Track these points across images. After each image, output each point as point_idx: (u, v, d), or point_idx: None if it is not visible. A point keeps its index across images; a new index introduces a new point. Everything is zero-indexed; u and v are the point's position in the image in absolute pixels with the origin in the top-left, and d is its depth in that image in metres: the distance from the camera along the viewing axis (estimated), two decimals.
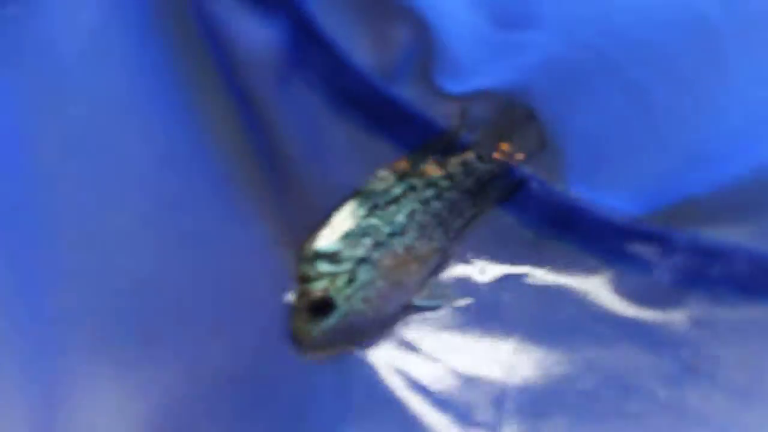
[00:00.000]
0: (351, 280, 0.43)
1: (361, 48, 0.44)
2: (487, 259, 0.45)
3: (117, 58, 0.41)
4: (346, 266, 0.43)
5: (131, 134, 0.42)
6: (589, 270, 0.44)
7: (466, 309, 0.45)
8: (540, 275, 0.45)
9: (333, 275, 0.43)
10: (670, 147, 0.42)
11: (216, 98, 0.43)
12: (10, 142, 0.40)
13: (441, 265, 0.45)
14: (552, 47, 0.42)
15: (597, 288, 0.44)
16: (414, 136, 0.45)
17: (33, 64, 0.40)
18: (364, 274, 0.43)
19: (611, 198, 0.44)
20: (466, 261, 0.45)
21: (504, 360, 0.44)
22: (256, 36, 0.42)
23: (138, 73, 0.42)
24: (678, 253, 0.43)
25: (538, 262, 0.45)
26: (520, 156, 0.45)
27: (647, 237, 0.43)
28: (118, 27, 0.41)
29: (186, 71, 0.42)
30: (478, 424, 0.43)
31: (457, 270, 0.45)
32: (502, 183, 0.45)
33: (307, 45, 0.43)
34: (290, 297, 0.43)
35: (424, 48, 0.43)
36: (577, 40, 0.42)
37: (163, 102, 0.42)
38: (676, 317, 0.43)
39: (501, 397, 0.44)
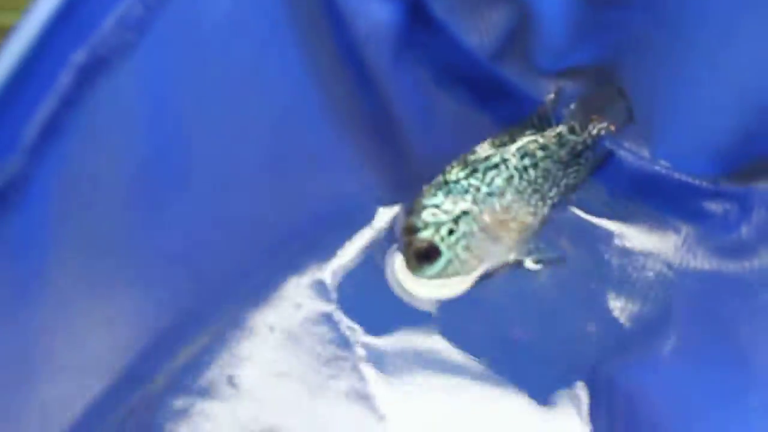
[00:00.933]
0: (452, 231, 0.47)
1: (467, 29, 0.48)
2: (578, 224, 0.50)
3: (248, 32, 0.44)
4: (449, 217, 0.47)
5: (256, 97, 0.45)
6: (673, 230, 0.49)
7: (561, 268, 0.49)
8: (628, 236, 0.49)
9: (437, 225, 0.47)
10: (744, 110, 0.47)
11: (335, 70, 0.46)
12: (159, 101, 0.43)
13: (538, 228, 0.49)
14: (638, 24, 0.47)
15: (681, 245, 0.49)
16: (513, 110, 0.49)
17: (178, 34, 0.43)
18: (464, 225, 0.47)
19: (693, 164, 0.48)
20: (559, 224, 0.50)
21: (597, 317, 0.48)
22: (375, 15, 0.46)
23: (266, 45, 0.45)
24: (755, 207, 0.48)
25: (626, 225, 0.49)
26: (609, 128, 0.49)
27: (726, 194, 0.48)
28: (250, 6, 0.44)
29: (309, 45, 0.46)
30: None
31: (550, 233, 0.50)
32: (593, 154, 0.49)
33: (420, 25, 0.47)
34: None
35: (523, 29, 0.47)
36: (659, 18, 0.46)
37: (286, 71, 0.46)
38: (755, 266, 0.47)
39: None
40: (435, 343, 0.47)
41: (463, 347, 0.47)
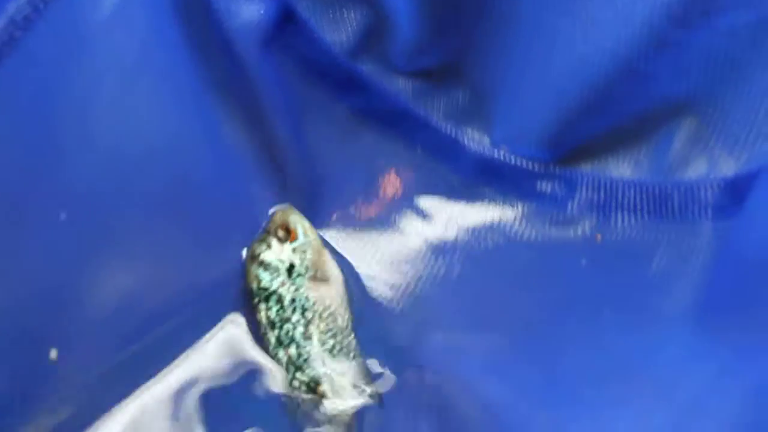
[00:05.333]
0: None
1: (328, 28, 0.54)
2: (428, 199, 0.57)
3: (132, 30, 0.50)
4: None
5: (141, 85, 0.50)
6: (508, 205, 0.57)
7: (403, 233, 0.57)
8: (469, 212, 0.57)
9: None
10: (561, 105, 0.54)
11: (215, 67, 0.52)
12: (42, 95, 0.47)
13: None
14: (473, 29, 0.54)
15: (515, 219, 0.56)
16: (373, 103, 0.56)
17: (62, 32, 0.48)
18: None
19: (526, 148, 0.56)
20: (411, 201, 0.57)
21: (438, 279, 0.56)
22: (244, 14, 0.51)
23: (150, 42, 0.50)
24: (577, 185, 0.55)
25: (469, 202, 0.57)
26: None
27: (553, 176, 0.56)
28: (134, 5, 0.50)
29: (192, 42, 0.52)
30: (419, 323, 0.55)
31: (401, 207, 0.57)
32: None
33: (285, 24, 0.53)
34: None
35: (379, 30, 0.54)
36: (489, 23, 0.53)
37: (170, 68, 0.51)
38: (578, 235, 0.55)
39: (435, 306, 0.55)
40: None
41: None
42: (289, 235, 0.53)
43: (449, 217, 0.57)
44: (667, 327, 0.50)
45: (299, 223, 0.54)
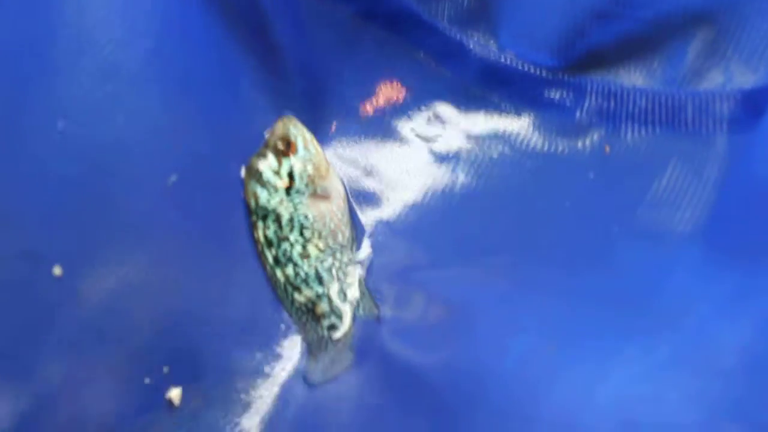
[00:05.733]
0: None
1: None
2: (432, 107, 0.54)
3: None
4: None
5: None
6: (514, 115, 0.54)
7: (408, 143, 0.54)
8: (474, 122, 0.54)
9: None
10: (574, 9, 0.52)
11: None
12: None
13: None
14: None
15: (521, 129, 0.54)
16: (373, 8, 0.53)
17: None
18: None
19: (533, 54, 0.53)
20: (414, 109, 0.54)
21: (443, 191, 0.54)
22: None
23: None
24: (586, 95, 0.53)
25: (473, 111, 0.54)
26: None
27: (561, 84, 0.53)
28: None
29: None
30: (424, 239, 0.53)
31: (404, 115, 0.54)
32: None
33: None
34: None
35: None
36: None
37: None
38: (586, 146, 0.53)
39: (441, 219, 0.54)
40: None
41: None
42: (289, 147, 0.51)
43: (454, 126, 0.54)
44: (677, 247, 0.49)
45: (300, 134, 0.51)
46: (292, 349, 0.51)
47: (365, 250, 0.53)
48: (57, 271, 0.44)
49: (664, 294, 0.47)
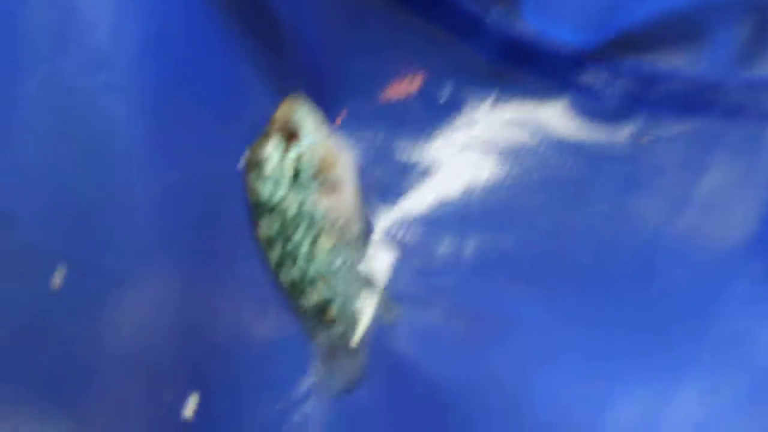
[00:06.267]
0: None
1: None
2: (453, 90, 0.49)
3: None
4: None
5: None
6: (542, 98, 0.49)
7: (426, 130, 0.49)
8: (501, 105, 0.49)
9: None
10: None
11: None
12: None
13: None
14: None
15: (549, 114, 0.49)
16: None
17: None
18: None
19: (561, 30, 0.48)
20: (435, 92, 0.48)
21: (465, 183, 0.49)
22: None
23: None
24: (621, 78, 0.48)
25: (497, 94, 0.49)
26: None
27: (594, 65, 0.48)
28: None
29: None
30: (443, 237, 0.48)
31: (422, 99, 0.49)
32: None
33: None
34: None
35: None
36: None
37: None
38: (619, 136, 0.48)
39: (463, 213, 0.48)
40: None
41: None
42: (294, 133, 0.45)
43: (474, 110, 0.49)
44: (731, 259, 0.45)
45: (306, 118, 0.45)
46: (303, 360, 0.46)
47: (379, 247, 0.48)
48: (58, 279, 0.39)
49: (719, 317, 0.43)
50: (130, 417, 0.43)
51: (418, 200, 0.48)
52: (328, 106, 0.47)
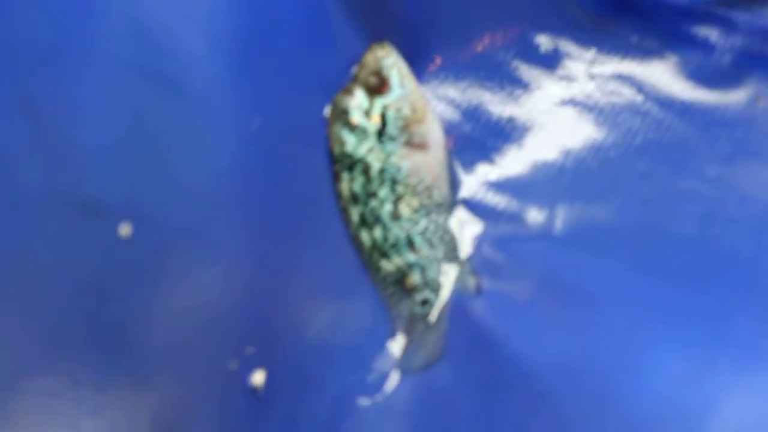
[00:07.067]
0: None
1: None
2: (552, 42, 0.45)
3: None
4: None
5: None
6: (648, 53, 0.45)
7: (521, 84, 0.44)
8: (602, 60, 0.45)
9: None
10: None
11: None
12: None
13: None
14: None
15: (656, 71, 0.45)
16: None
17: None
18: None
19: None
20: (532, 43, 0.44)
21: (561, 143, 0.44)
22: None
23: None
24: (738, 33, 0.44)
25: (601, 47, 0.45)
26: None
27: (708, 18, 0.44)
28: None
29: None
30: (534, 203, 0.44)
31: (519, 51, 0.44)
32: None
33: None
34: None
35: None
36: None
37: None
38: (733, 98, 0.44)
39: (558, 177, 0.44)
40: None
41: None
42: (382, 84, 0.41)
43: (576, 65, 0.45)
44: None
45: (395, 68, 0.41)
46: (380, 328, 0.43)
47: (466, 211, 0.44)
48: (125, 230, 0.35)
49: None
50: (190, 378, 0.40)
51: (509, 161, 0.44)
52: (420, 55, 0.43)
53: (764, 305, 0.41)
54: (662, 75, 0.44)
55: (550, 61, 0.45)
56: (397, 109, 0.41)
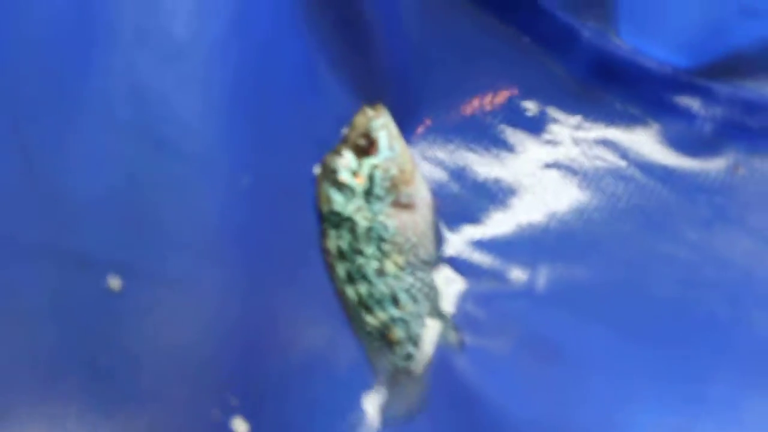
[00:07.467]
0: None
1: None
2: (539, 107, 0.46)
3: None
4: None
5: None
6: (632, 120, 0.46)
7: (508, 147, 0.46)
8: (587, 126, 0.46)
9: None
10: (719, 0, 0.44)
11: None
12: None
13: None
14: None
15: (640, 138, 0.46)
16: None
17: None
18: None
19: (659, 49, 0.45)
20: (519, 108, 0.46)
21: (545, 205, 0.46)
22: None
23: None
24: (720, 104, 0.45)
25: (586, 113, 0.46)
26: None
27: (691, 88, 0.45)
28: None
29: None
30: (517, 262, 0.45)
31: (507, 115, 0.46)
32: None
33: None
34: None
35: None
36: None
37: None
38: (713, 165, 0.45)
39: (541, 237, 0.45)
40: None
41: None
42: (371, 145, 0.42)
43: (562, 130, 0.46)
44: None
45: (384, 129, 0.43)
46: (362, 381, 0.43)
47: (449, 268, 0.45)
48: (114, 283, 0.37)
49: None
50: (175, 424, 0.41)
51: (494, 221, 0.45)
52: (410, 116, 0.44)
53: (742, 367, 0.42)
54: (645, 142, 0.46)
55: (536, 126, 0.46)
56: (385, 170, 0.42)
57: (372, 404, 0.43)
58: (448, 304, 0.45)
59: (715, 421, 0.41)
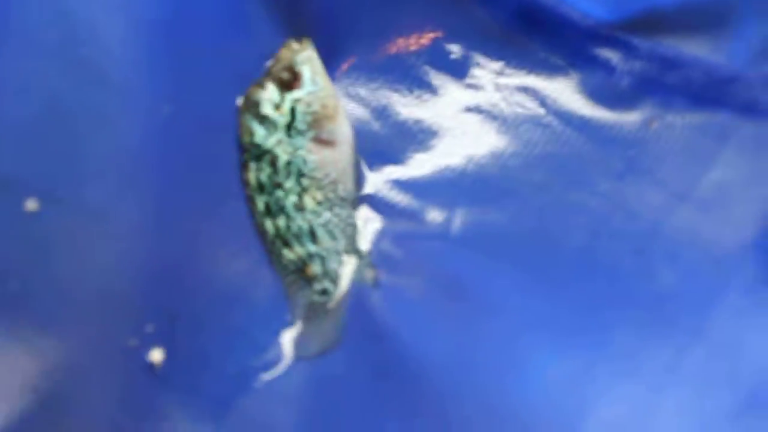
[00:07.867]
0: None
1: None
2: (463, 50, 0.46)
3: None
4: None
5: None
6: (554, 70, 0.47)
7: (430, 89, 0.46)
8: (509, 72, 0.47)
9: None
10: None
11: None
12: None
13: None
14: None
15: (560, 87, 0.47)
16: None
17: None
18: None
19: (583, 2, 0.46)
20: (444, 50, 0.46)
21: (464, 149, 0.46)
22: None
23: None
24: (638, 59, 0.46)
25: (508, 59, 0.47)
26: None
27: (611, 41, 0.46)
28: None
29: None
30: (434, 204, 0.46)
31: (431, 57, 0.46)
32: None
33: None
34: None
35: None
36: None
37: None
38: (629, 118, 0.46)
39: (458, 180, 0.46)
40: None
41: None
42: (294, 79, 0.42)
43: (484, 75, 0.47)
44: (723, 264, 0.43)
45: (308, 64, 0.42)
46: (279, 314, 0.44)
47: (368, 206, 0.45)
48: (31, 205, 0.36)
49: (709, 325, 0.42)
50: (91, 348, 0.41)
51: (414, 162, 0.46)
52: (335, 53, 0.44)
53: (641, 318, 0.44)
54: (564, 91, 0.47)
55: (460, 69, 0.46)
56: (308, 104, 0.42)
57: (289, 338, 0.44)
58: (366, 241, 0.45)
59: (611, 369, 0.43)
